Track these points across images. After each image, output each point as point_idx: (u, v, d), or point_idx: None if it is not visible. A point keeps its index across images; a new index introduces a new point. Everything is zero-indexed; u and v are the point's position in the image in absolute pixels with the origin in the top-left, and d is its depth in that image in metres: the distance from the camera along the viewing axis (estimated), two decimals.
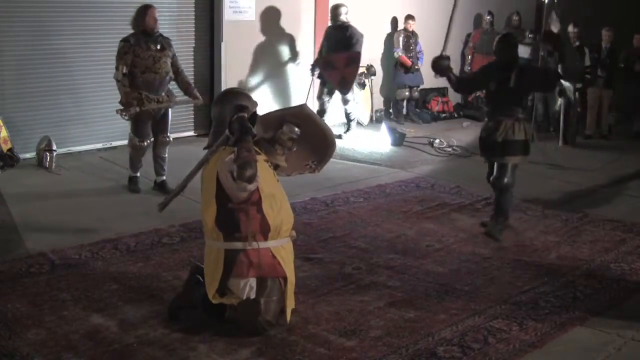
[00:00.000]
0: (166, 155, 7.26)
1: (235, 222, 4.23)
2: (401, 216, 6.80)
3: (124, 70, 6.83)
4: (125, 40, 6.92)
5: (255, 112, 4.43)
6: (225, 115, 4.38)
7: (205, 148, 4.53)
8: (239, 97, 4.50)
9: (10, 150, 7.99)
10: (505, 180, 6.19)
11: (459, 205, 7.16)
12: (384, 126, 10.50)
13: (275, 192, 4.37)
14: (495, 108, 6.31)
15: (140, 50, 6.84)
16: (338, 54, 9.82)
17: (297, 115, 4.57)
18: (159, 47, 6.95)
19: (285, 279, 4.34)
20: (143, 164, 7.34)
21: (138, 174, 7.31)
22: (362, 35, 9.95)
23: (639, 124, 11.45)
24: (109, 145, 9.12)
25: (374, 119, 11.68)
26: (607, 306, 4.93)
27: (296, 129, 4.48)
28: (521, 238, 6.31)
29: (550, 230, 6.53)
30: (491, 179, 6.37)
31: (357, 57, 9.88)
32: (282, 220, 4.35)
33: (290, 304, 4.39)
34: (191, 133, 10.06)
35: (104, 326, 4.36)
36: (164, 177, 7.33)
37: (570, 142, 10.57)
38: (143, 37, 6.88)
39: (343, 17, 9.95)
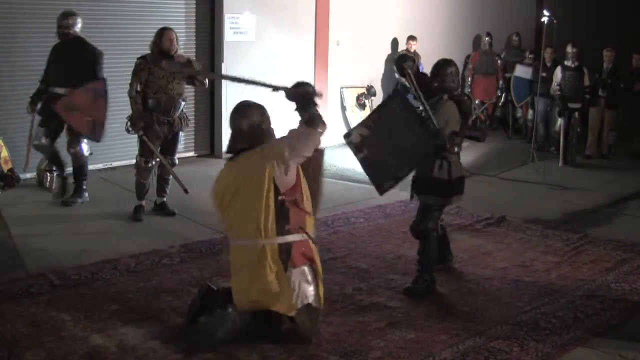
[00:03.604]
0: (170, 177, 7.25)
1: (285, 215, 4.38)
2: (401, 236, 6.78)
3: (138, 88, 6.87)
4: (142, 58, 6.98)
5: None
6: (241, 125, 4.52)
7: (227, 152, 4.68)
8: (254, 108, 4.62)
9: (10, 170, 8.02)
10: (426, 225, 5.49)
11: (459, 226, 7.15)
12: None
13: (305, 185, 4.61)
14: None
15: (156, 69, 6.88)
16: (77, 91, 7.26)
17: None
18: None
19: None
20: (149, 189, 7.26)
21: (144, 202, 7.23)
22: (100, 54, 7.44)
23: (639, 143, 11.48)
24: (110, 166, 9.14)
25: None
26: (609, 327, 4.92)
27: None
28: (521, 258, 6.29)
29: (551, 251, 6.52)
30: (411, 225, 5.65)
31: (100, 87, 7.39)
32: (313, 214, 4.62)
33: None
34: (192, 154, 10.09)
35: (104, 347, 4.34)
36: (165, 199, 7.33)
37: (570, 162, 10.59)
38: (160, 57, 6.92)
39: (76, 29, 7.42)
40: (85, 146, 7.57)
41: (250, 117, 4.54)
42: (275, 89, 4.79)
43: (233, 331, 4.37)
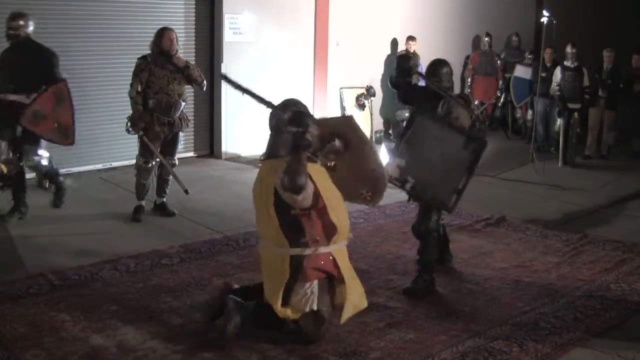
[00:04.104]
0: (170, 177, 7.24)
1: (299, 228, 4.29)
2: (401, 237, 6.79)
3: (139, 88, 6.86)
4: (142, 58, 6.97)
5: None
6: (281, 126, 4.41)
7: (263, 159, 4.56)
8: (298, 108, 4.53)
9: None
10: (427, 225, 5.46)
11: (458, 226, 7.15)
12: (383, 147, 10.50)
13: (335, 197, 4.46)
14: None
15: (157, 69, 6.88)
16: (40, 98, 6.67)
17: (342, 126, 4.69)
18: (174, 68, 6.96)
19: (340, 279, 4.46)
20: (149, 189, 7.24)
21: (144, 203, 7.22)
22: (54, 55, 6.89)
23: (638, 144, 11.49)
24: (109, 166, 9.14)
25: (373, 139, 11.70)
26: (608, 327, 4.92)
27: (337, 142, 4.57)
28: (521, 259, 6.30)
29: (551, 251, 6.52)
30: (412, 225, 5.60)
31: (63, 88, 6.86)
32: (342, 224, 4.47)
33: (352, 299, 4.46)
34: (191, 154, 10.08)
35: (103, 347, 4.34)
36: (165, 199, 7.33)
37: (569, 162, 10.59)
38: (160, 57, 6.92)
39: (28, 31, 6.86)
40: (42, 155, 7.09)
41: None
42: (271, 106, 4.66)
43: (241, 322, 4.36)
